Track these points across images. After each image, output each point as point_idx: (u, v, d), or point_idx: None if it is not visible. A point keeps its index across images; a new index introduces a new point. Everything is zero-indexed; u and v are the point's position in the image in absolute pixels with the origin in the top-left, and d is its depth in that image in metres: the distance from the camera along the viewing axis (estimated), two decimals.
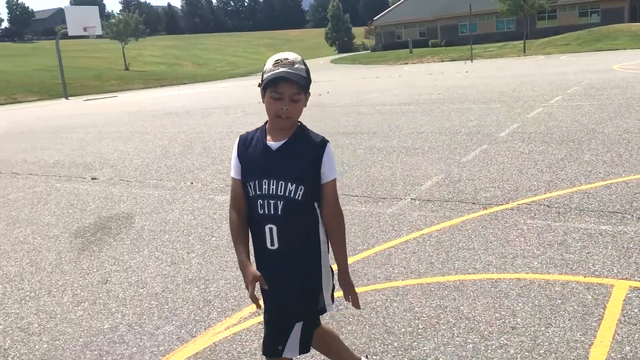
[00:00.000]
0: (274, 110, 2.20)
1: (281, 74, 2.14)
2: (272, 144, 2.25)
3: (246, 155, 2.30)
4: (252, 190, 2.27)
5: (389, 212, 5.54)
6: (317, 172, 2.26)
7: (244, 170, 2.31)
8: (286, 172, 2.23)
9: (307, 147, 2.27)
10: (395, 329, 3.36)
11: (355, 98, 16.76)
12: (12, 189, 7.94)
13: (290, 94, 2.17)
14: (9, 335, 3.68)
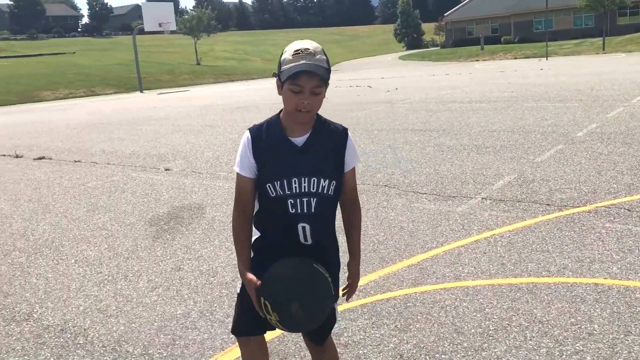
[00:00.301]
0: (293, 104, 2.06)
1: (303, 67, 2.00)
2: (296, 140, 2.14)
3: (265, 154, 2.14)
4: (277, 191, 2.13)
5: (459, 211, 5.44)
6: (342, 161, 2.21)
7: (263, 171, 2.15)
8: (318, 168, 2.14)
9: (331, 138, 2.20)
10: (464, 329, 3.30)
11: (424, 95, 16.55)
12: (92, 177, 8.32)
13: (311, 87, 2.03)
14: (89, 316, 3.86)
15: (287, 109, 2.10)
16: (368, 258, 4.47)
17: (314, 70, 2.00)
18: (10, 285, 4.49)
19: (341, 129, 2.23)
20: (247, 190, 2.19)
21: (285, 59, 2.06)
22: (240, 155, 2.17)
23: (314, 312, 2.10)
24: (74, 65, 47.94)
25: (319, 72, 2.01)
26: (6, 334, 3.67)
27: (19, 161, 10.24)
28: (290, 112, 2.09)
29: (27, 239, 5.61)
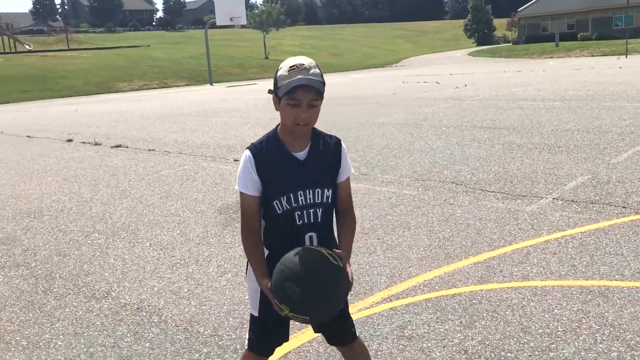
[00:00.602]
0: (292, 118, 2.10)
1: (300, 82, 2.05)
2: (298, 155, 2.20)
3: (269, 172, 2.18)
4: (284, 206, 2.18)
5: (528, 210, 5.34)
6: (337, 171, 2.27)
7: (267, 187, 2.19)
8: (320, 179, 2.22)
9: (328, 150, 2.26)
10: (532, 328, 3.26)
11: (495, 92, 16.18)
12: (164, 166, 8.64)
13: (308, 101, 2.08)
14: (162, 296, 4.05)
15: (286, 123, 2.15)
16: (433, 254, 4.47)
17: (310, 84, 2.06)
18: (90, 264, 4.76)
19: (335, 141, 2.31)
20: (252, 207, 2.22)
21: (281, 75, 2.10)
22: (243, 174, 2.20)
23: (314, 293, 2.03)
24: (149, 57, 49.64)
25: (315, 86, 2.07)
26: (87, 310, 3.90)
27: (98, 149, 10.76)
28: (289, 126, 2.14)
29: (105, 222, 5.92)
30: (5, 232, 5.80)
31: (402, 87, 20.20)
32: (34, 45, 60.56)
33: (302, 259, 2.05)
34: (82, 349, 3.38)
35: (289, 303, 2.04)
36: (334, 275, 2.07)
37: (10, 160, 10.17)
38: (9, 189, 7.78)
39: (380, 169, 7.39)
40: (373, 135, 10.04)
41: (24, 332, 3.64)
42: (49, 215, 6.31)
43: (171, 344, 3.39)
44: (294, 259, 2.05)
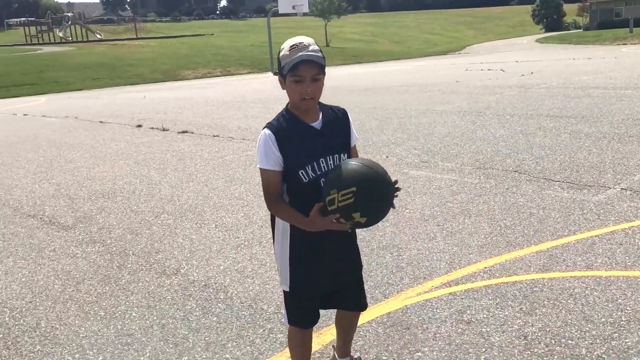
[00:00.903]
0: (298, 94, 2.23)
1: (302, 57, 2.17)
2: (314, 125, 2.33)
3: (291, 145, 2.27)
4: (309, 175, 2.28)
5: (595, 200, 5.22)
6: (349, 138, 2.45)
7: (291, 160, 2.27)
8: (336, 145, 2.37)
9: (338, 119, 2.42)
10: (594, 317, 3.23)
11: (563, 80, 15.68)
12: (228, 151, 8.89)
13: (311, 75, 2.21)
14: (228, 275, 4.23)
15: (293, 99, 2.28)
16: (494, 241, 4.46)
17: (311, 58, 2.19)
18: (160, 243, 5.01)
19: (342, 110, 2.47)
20: (276, 182, 2.31)
21: (283, 55, 2.23)
22: (265, 151, 2.28)
23: (383, 191, 2.20)
24: (212, 46, 50.67)
25: (316, 60, 2.20)
26: (158, 285, 4.13)
27: (165, 134, 11.16)
28: (296, 102, 2.28)
29: (174, 204, 6.18)
30: (82, 211, 6.16)
31: (465, 75, 19.85)
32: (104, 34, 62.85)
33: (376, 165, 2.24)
34: (154, 321, 3.60)
35: (358, 199, 2.12)
36: (392, 186, 2.25)
37: (85, 144, 10.70)
38: (84, 171, 8.21)
39: (442, 157, 7.36)
40: (434, 123, 9.97)
41: (101, 304, 3.90)
42: (121, 196, 6.65)
43: (237, 319, 3.55)
44: (373, 163, 2.24)
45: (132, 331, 3.49)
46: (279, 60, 2.27)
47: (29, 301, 4.02)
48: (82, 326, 3.60)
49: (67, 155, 9.56)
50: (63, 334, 3.52)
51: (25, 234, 5.51)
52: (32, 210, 6.34)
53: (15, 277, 4.46)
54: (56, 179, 7.82)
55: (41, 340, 3.46)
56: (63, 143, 11.00)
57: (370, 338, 3.22)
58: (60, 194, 6.96)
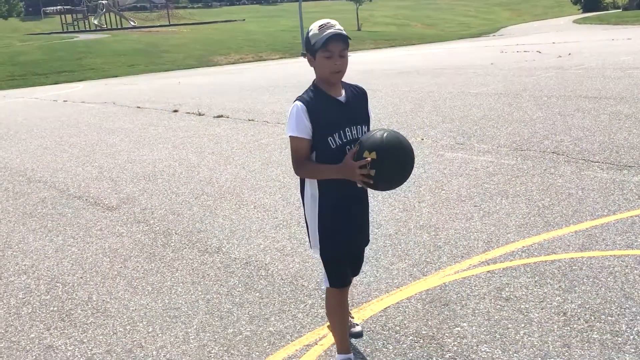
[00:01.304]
0: (328, 68, 2.48)
1: (330, 34, 2.42)
2: (339, 98, 2.58)
3: (320, 115, 2.51)
4: (336, 141, 2.52)
5: (635, 181, 5.17)
6: (368, 112, 2.70)
7: (320, 128, 2.51)
8: (360, 117, 2.63)
9: (358, 94, 2.69)
10: (634, 295, 3.24)
11: (602, 61, 15.33)
12: (264, 135, 9.01)
13: (339, 51, 2.47)
14: (268, 253, 4.34)
15: (323, 74, 2.52)
16: (532, 222, 4.47)
17: (341, 34, 2.45)
18: (202, 223, 5.15)
19: (362, 88, 2.74)
20: (305, 149, 2.54)
21: (314, 34, 2.48)
22: (296, 121, 2.51)
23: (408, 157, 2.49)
24: (244, 31, 50.84)
25: (344, 36, 2.46)
26: (201, 262, 4.27)
27: (201, 118, 11.34)
28: (325, 76, 2.53)
29: (212, 186, 6.33)
30: (125, 192, 6.35)
31: (501, 57, 19.56)
32: (138, 21, 63.59)
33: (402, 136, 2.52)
34: (199, 296, 3.73)
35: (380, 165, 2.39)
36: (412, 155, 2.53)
37: (124, 128, 10.96)
38: (125, 154, 8.43)
39: (477, 139, 7.34)
40: (469, 105, 9.90)
41: (148, 279, 4.05)
42: (161, 178, 6.82)
43: (278, 294, 3.66)
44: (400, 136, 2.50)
45: (178, 305, 3.63)
46: (307, 40, 2.52)
47: (80, 277, 4.20)
48: (131, 300, 3.76)
49: (107, 140, 9.82)
50: (114, 307, 3.69)
51: (72, 215, 5.73)
52: (78, 192, 6.57)
53: (66, 255, 4.66)
54: (98, 162, 8.06)
55: (93, 313, 3.63)
56: (103, 128, 11.28)
57: (410, 313, 3.29)
58: (103, 176, 7.18)
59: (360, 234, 2.77)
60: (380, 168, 2.39)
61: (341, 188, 2.57)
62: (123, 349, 3.19)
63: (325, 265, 2.74)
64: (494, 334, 3.00)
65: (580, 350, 2.77)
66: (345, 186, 2.55)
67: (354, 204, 2.66)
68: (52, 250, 4.80)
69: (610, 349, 2.76)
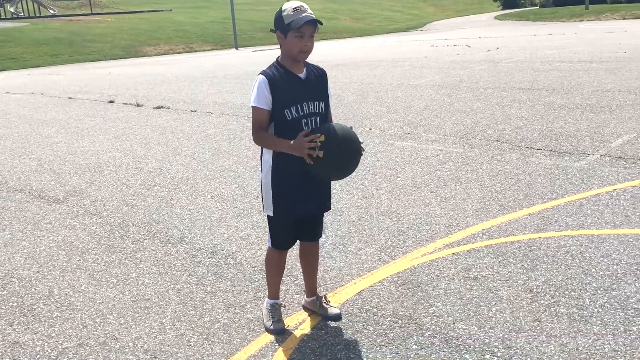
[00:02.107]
0: (298, 47, 2.70)
1: (307, 18, 2.65)
2: (300, 75, 2.82)
3: (280, 88, 2.74)
4: (292, 114, 2.76)
5: (577, 166, 5.47)
6: (327, 90, 2.93)
7: (279, 101, 2.74)
8: (317, 93, 2.85)
9: (318, 73, 2.92)
10: (592, 271, 3.45)
11: (529, 55, 16.04)
12: (210, 126, 8.87)
13: (310, 32, 2.70)
14: (234, 242, 4.31)
15: (293, 51, 2.73)
16: (487, 206, 4.65)
17: (313, 19, 2.68)
18: (159, 214, 5.03)
19: (322, 69, 2.98)
20: (265, 119, 2.79)
21: (287, 15, 2.68)
22: (257, 93, 2.75)
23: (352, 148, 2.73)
24: (172, 22, 49.54)
25: (315, 20, 2.68)
26: (165, 253, 4.18)
27: (141, 109, 11.01)
28: (293, 54, 2.74)
29: (164, 176, 6.18)
30: (71, 184, 6.10)
31: (432, 51, 20.08)
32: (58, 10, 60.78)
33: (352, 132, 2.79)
34: (169, 286, 3.66)
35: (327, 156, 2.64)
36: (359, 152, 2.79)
37: (58, 119, 10.49)
38: (64, 146, 8.08)
39: (424, 128, 7.53)
40: (411, 96, 10.14)
41: (111, 271, 3.93)
42: (108, 170, 6.60)
43: (250, 282, 3.65)
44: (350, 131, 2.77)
45: (148, 296, 3.55)
46: (281, 19, 2.70)
47: (37, 271, 4.02)
48: (97, 293, 3.64)
49: (41, 131, 9.37)
50: (79, 300, 3.56)
51: (16, 208, 5.45)
52: (18, 184, 6.25)
53: (17, 249, 4.44)
54: (36, 154, 7.69)
55: (58, 307, 3.49)
56: (35, 119, 10.75)
57: (385, 296, 3.36)
58: (43, 168, 6.87)
59: (312, 200, 2.94)
60: (327, 152, 2.64)
61: (295, 158, 2.75)
62: (96, 341, 3.08)
63: (270, 225, 3.01)
64: (468, 312, 3.12)
65: (550, 324, 2.93)
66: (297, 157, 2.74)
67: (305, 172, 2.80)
68: (0, 245, 4.56)
69: (577, 322, 2.93)
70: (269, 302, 3.17)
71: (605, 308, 3.03)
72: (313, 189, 2.91)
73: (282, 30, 2.71)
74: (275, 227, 3.01)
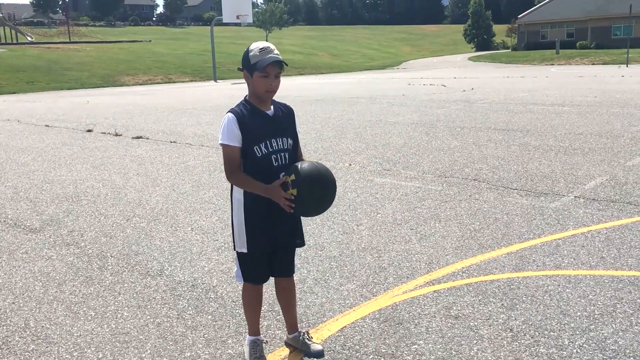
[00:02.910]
0: (264, 87, 2.79)
1: (272, 59, 2.74)
2: (268, 112, 2.89)
3: (249, 126, 2.81)
4: (262, 150, 2.83)
5: (552, 207, 5.60)
6: (294, 127, 3.01)
7: (248, 137, 2.81)
8: (285, 130, 2.93)
9: (286, 111, 3.00)
10: (570, 311, 3.51)
11: (503, 96, 16.46)
12: (189, 157, 8.86)
13: (276, 73, 2.79)
14: (214, 275, 4.28)
15: (259, 91, 2.82)
16: (467, 244, 4.72)
17: (279, 60, 2.77)
18: (138, 245, 4.98)
19: (289, 107, 3.05)
20: (236, 156, 2.84)
21: (253, 55, 2.77)
22: (227, 130, 2.82)
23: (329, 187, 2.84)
24: (151, 52, 49.73)
25: (281, 62, 2.78)
26: (145, 286, 4.13)
27: (119, 139, 10.96)
28: (261, 94, 2.82)
29: (143, 208, 6.14)
30: (47, 214, 6.01)
31: (409, 89, 20.47)
32: (36, 37, 60.51)
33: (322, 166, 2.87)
34: (148, 319, 3.61)
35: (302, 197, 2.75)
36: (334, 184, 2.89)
37: (35, 147, 10.37)
38: (40, 174, 7.98)
39: (402, 165, 7.64)
40: (389, 133, 10.29)
41: (89, 304, 3.87)
42: (86, 200, 6.53)
43: (232, 317, 3.62)
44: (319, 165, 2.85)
45: (127, 329, 3.50)
46: (247, 59, 2.79)
47: (12, 302, 3.93)
48: (74, 325, 3.57)
49: (17, 159, 9.25)
50: (55, 333, 3.48)
51: None
52: None
53: None
54: (12, 182, 7.57)
55: (34, 340, 3.41)
56: (10, 146, 10.61)
57: (367, 333, 3.37)
58: (19, 197, 6.76)
59: (282, 234, 2.98)
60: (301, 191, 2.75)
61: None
62: None
63: (243, 262, 3.02)
64: (450, 350, 3.14)
65: None
66: None
67: (276, 205, 2.84)
68: None
69: None
70: (249, 338, 3.17)
71: (584, 349, 3.08)
72: (284, 222, 2.95)
73: (248, 70, 2.80)
74: (248, 263, 3.03)
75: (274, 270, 3.11)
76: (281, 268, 3.12)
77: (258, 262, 3.02)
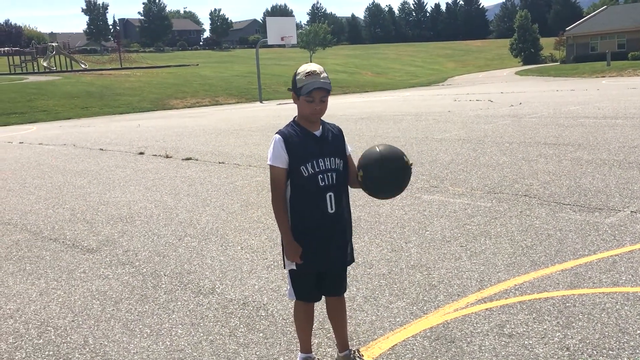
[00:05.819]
0: (309, 110, 2.87)
1: (316, 85, 2.80)
2: (316, 133, 2.95)
3: (295, 146, 2.88)
4: (308, 170, 2.87)
5: (608, 222, 5.44)
6: (344, 147, 3.04)
7: (295, 158, 2.86)
8: (333, 150, 2.96)
9: (334, 132, 3.04)
10: (629, 330, 3.40)
11: (552, 110, 16.13)
12: (238, 177, 9.01)
13: (320, 97, 2.85)
14: (265, 294, 4.33)
15: (304, 113, 2.90)
16: (519, 261, 4.63)
17: (323, 86, 2.83)
18: (190, 264, 5.10)
19: (338, 127, 3.12)
20: (282, 178, 2.91)
21: (299, 79, 2.85)
22: (274, 152, 2.89)
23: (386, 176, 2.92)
24: (198, 76, 50.98)
25: (325, 87, 2.83)
26: (197, 304, 4.22)
27: (170, 161, 11.25)
28: (306, 116, 2.90)
29: (194, 227, 6.28)
30: (103, 234, 6.22)
31: (455, 105, 20.30)
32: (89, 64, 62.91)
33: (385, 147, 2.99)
34: (202, 337, 3.68)
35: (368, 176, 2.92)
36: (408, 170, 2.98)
37: (90, 170, 10.75)
38: (96, 196, 8.27)
39: (450, 182, 7.57)
40: (436, 150, 10.22)
41: (145, 321, 3.97)
42: (140, 220, 6.72)
43: (283, 334, 3.65)
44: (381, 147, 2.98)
45: (181, 347, 3.57)
46: (294, 82, 2.88)
47: (72, 320, 4.08)
48: (131, 343, 3.67)
49: (74, 182, 9.61)
50: (113, 350, 3.59)
51: (51, 257, 5.56)
52: (52, 234, 6.39)
53: (52, 298, 4.51)
54: (69, 204, 7.87)
55: (93, 357, 3.52)
56: (67, 170, 11.04)
57: (418, 351, 3.34)
58: (76, 218, 7.02)
59: (331, 252, 3.00)
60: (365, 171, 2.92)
61: (314, 211, 2.91)
62: None
63: (293, 279, 3.06)
64: None
65: None
66: (316, 210, 2.91)
67: (324, 225, 2.93)
68: (35, 293, 4.64)
69: None
70: (301, 356, 3.21)
71: None
72: (332, 245, 2.99)
73: (295, 93, 2.89)
74: (298, 281, 3.06)
75: (325, 288, 3.13)
76: (332, 287, 3.13)
77: (307, 280, 3.05)
